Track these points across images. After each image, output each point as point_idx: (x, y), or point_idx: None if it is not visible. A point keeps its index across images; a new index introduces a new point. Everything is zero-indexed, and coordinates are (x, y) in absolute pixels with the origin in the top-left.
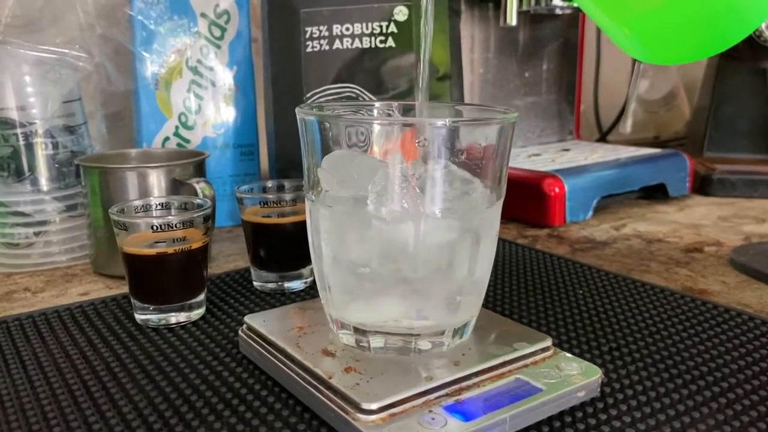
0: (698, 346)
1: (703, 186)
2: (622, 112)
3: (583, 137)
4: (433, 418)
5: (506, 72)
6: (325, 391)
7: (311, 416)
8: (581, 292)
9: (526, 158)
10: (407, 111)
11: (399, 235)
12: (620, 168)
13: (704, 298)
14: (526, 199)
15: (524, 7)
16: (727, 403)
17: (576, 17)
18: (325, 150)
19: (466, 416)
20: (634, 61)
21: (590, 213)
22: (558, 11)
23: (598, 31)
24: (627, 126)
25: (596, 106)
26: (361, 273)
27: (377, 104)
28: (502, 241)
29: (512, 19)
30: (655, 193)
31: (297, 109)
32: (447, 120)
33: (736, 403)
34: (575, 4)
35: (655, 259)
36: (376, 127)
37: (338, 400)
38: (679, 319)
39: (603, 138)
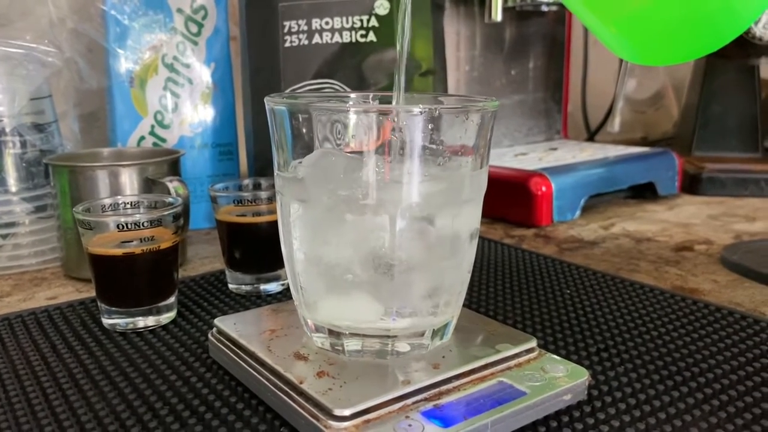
0: (689, 346)
1: (692, 185)
2: (610, 112)
3: (571, 137)
4: (410, 425)
5: (492, 69)
6: (295, 396)
7: (281, 423)
8: (568, 291)
9: (513, 157)
10: (385, 103)
11: (375, 231)
12: (608, 167)
13: (694, 297)
14: (512, 199)
15: (509, 3)
16: (720, 405)
17: (563, 15)
18: (296, 141)
19: (445, 422)
20: (622, 59)
21: (578, 212)
22: (544, 8)
23: (586, 31)
24: (615, 125)
25: (584, 105)
26: (335, 270)
27: (352, 95)
28: (487, 241)
29: (497, 15)
30: (644, 193)
31: (266, 99)
32: (421, 107)
33: (729, 405)
34: (560, 1)
35: (645, 258)
36: (349, 116)
37: (309, 407)
38: (669, 318)
39: (591, 138)
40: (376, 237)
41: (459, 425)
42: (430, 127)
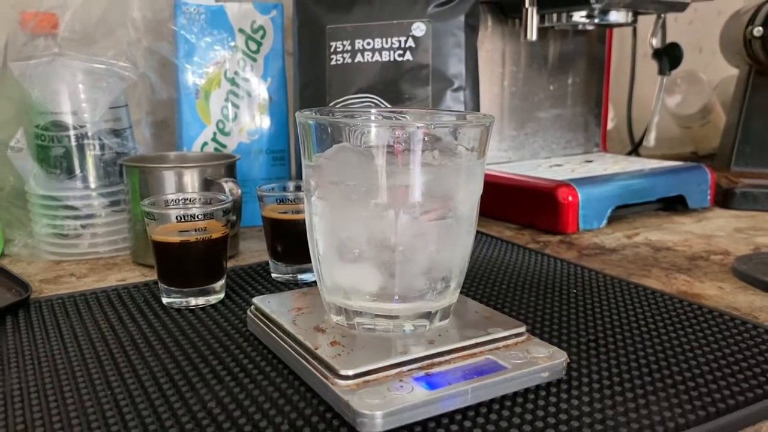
0: (672, 341)
1: (725, 199)
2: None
3: (616, 151)
4: (401, 386)
5: (531, 85)
6: (311, 360)
7: (300, 383)
8: (575, 291)
9: (547, 168)
10: (417, 117)
11: (380, 220)
12: (637, 179)
13: (694, 300)
14: (540, 207)
15: (546, 23)
16: (685, 390)
17: (603, 33)
18: (320, 147)
19: (432, 386)
20: (662, 75)
21: (604, 222)
22: (580, 27)
23: (634, 48)
24: (651, 139)
25: (629, 120)
26: (346, 244)
27: (373, 110)
28: (511, 245)
29: (532, 35)
30: (676, 206)
31: (297, 114)
32: (421, 123)
33: (693, 390)
34: (597, 21)
35: (658, 266)
36: (362, 129)
37: (321, 368)
38: (662, 317)
39: (634, 151)
40: (380, 225)
41: (443, 389)
42: (426, 139)
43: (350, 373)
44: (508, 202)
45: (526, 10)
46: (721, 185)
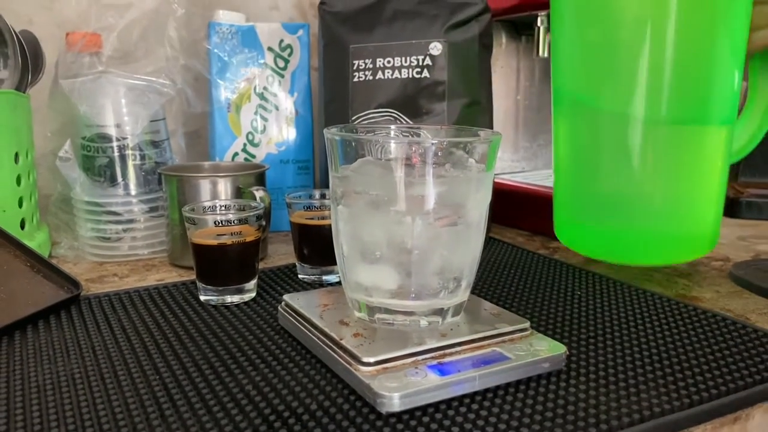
0: (666, 338)
1: (731, 209)
2: None
3: None
4: (416, 372)
5: (545, 98)
6: (336, 349)
7: (326, 370)
8: (579, 293)
9: None
10: (432, 133)
11: (398, 225)
12: None
13: (689, 303)
14: (551, 215)
15: None
16: (673, 381)
17: None
18: (346, 159)
19: (443, 372)
20: None
21: None
22: None
23: None
24: None
25: None
26: (368, 246)
27: (393, 126)
28: (521, 250)
29: (544, 51)
30: None
31: (324, 131)
32: (435, 140)
33: (681, 381)
34: None
35: (661, 271)
36: (383, 144)
37: (346, 356)
38: (658, 317)
39: None
40: (399, 230)
41: (453, 375)
42: (440, 153)
43: (371, 360)
44: (521, 211)
45: (538, 28)
46: (728, 195)
